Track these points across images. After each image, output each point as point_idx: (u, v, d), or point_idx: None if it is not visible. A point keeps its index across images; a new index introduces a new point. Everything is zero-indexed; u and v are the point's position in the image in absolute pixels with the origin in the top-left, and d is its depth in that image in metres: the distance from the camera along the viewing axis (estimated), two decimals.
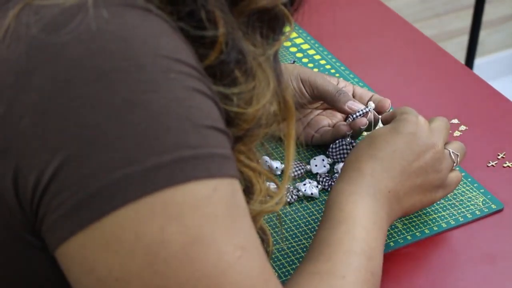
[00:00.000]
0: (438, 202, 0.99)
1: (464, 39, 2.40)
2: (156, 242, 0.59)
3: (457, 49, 2.55)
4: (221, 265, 0.60)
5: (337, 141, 1.04)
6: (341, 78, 1.13)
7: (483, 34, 2.48)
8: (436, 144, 0.89)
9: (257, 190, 0.74)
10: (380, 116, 1.02)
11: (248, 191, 0.73)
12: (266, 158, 1.01)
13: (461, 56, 2.42)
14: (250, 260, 0.62)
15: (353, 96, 1.06)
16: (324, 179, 1.02)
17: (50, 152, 0.59)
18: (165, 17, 0.63)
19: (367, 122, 1.02)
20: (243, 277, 0.61)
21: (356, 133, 1.03)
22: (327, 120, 1.07)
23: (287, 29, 0.73)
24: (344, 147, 1.03)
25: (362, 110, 1.02)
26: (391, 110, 1.03)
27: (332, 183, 1.02)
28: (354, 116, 1.02)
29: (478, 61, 2.60)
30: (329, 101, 1.05)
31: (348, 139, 1.04)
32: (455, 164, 0.92)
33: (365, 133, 1.08)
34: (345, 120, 1.06)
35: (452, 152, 0.92)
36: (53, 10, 0.61)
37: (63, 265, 0.62)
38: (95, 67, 0.59)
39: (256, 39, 0.69)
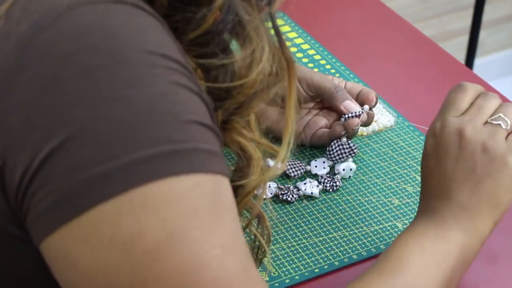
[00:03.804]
0: None
1: (464, 39, 2.40)
2: (132, 235, 0.58)
3: (457, 49, 2.55)
4: (197, 262, 0.60)
5: (333, 143, 1.04)
6: (337, 75, 1.13)
7: (483, 34, 2.48)
8: (462, 136, 0.81)
9: (255, 158, 0.73)
10: (375, 114, 1.05)
11: (248, 162, 0.74)
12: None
13: (461, 56, 2.42)
14: (229, 259, 0.61)
15: None
16: (326, 180, 1.02)
17: (35, 148, 0.59)
18: (154, 13, 0.64)
19: (359, 123, 1.03)
20: (220, 275, 0.60)
21: (350, 134, 1.04)
22: (324, 120, 1.08)
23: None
24: (341, 147, 1.04)
25: (355, 112, 1.03)
26: (379, 104, 1.07)
27: (333, 184, 1.02)
28: (346, 116, 1.03)
29: (478, 61, 2.60)
30: (327, 98, 1.05)
31: (344, 139, 1.04)
32: (503, 125, 0.81)
33: (364, 128, 1.09)
34: (339, 119, 1.06)
35: (490, 120, 0.81)
36: (41, 6, 0.61)
37: (47, 259, 0.62)
38: (81, 64, 0.59)
39: (250, 1, 0.69)
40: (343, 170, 1.03)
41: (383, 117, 1.13)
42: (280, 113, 1.06)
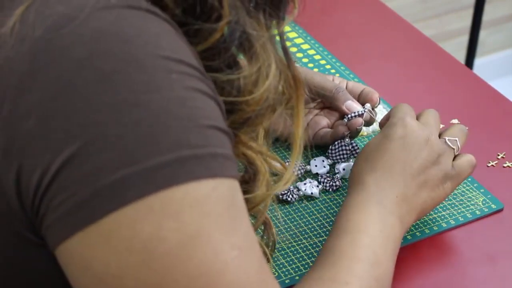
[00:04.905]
0: None
1: (464, 39, 2.40)
2: (152, 238, 0.59)
3: (457, 49, 2.55)
4: (217, 264, 0.60)
5: (336, 142, 1.04)
6: (337, 75, 1.13)
7: (483, 34, 2.48)
8: (428, 138, 0.89)
9: (262, 172, 0.74)
10: (376, 113, 1.05)
11: (254, 175, 0.74)
12: None
13: (461, 56, 2.42)
14: (247, 260, 0.62)
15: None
16: (326, 180, 1.02)
17: (52, 152, 0.59)
18: (168, 19, 0.64)
19: (363, 122, 1.03)
20: (239, 276, 0.61)
21: (353, 133, 1.04)
22: (326, 120, 1.08)
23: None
24: (344, 147, 1.04)
25: (357, 112, 1.03)
26: (379, 104, 1.06)
27: (333, 184, 1.02)
28: (349, 116, 1.03)
29: (478, 61, 2.60)
30: (328, 99, 1.05)
31: (347, 140, 1.04)
32: (456, 149, 0.91)
33: (364, 128, 1.09)
34: (341, 119, 1.06)
35: (448, 139, 0.91)
36: (56, 11, 0.61)
37: (62, 263, 0.62)
38: (97, 69, 0.59)
39: (259, 18, 0.69)
40: (343, 169, 1.04)
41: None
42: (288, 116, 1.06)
